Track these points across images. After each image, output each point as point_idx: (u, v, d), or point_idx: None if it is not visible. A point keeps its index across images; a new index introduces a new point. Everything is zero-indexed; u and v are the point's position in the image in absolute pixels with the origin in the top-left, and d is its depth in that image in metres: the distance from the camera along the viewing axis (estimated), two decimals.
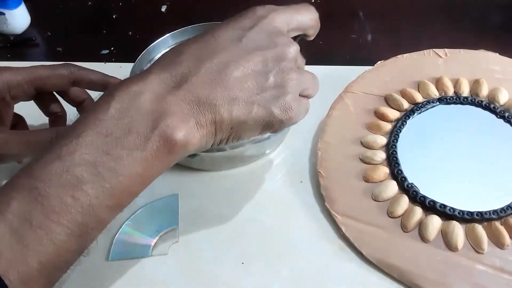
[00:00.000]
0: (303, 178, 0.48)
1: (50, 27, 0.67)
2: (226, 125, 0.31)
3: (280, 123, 0.33)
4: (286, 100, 0.32)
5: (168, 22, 0.67)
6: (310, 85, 0.35)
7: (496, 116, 0.49)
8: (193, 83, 0.30)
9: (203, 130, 0.30)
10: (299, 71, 0.34)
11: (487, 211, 0.42)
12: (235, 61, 0.31)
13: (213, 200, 0.47)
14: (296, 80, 0.33)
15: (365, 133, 0.49)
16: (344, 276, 0.41)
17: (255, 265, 0.42)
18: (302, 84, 0.34)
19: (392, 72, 0.54)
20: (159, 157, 0.29)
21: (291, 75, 0.33)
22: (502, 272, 0.39)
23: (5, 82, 0.40)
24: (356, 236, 0.42)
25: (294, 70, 0.33)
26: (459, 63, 0.54)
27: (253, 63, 0.32)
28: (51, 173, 0.27)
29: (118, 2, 0.71)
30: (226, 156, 0.46)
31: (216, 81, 0.31)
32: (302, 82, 0.34)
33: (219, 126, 0.31)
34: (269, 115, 0.32)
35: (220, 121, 0.31)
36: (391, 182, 0.45)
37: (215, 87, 0.31)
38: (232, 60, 0.31)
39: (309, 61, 0.57)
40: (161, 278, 0.42)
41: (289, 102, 0.33)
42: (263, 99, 0.32)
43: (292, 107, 0.33)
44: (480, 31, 0.63)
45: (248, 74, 0.31)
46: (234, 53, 0.32)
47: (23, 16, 0.65)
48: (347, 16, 0.66)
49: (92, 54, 0.62)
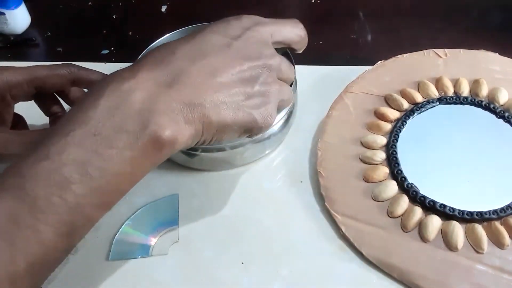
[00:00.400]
0: (303, 178, 0.48)
1: (50, 27, 0.67)
2: (213, 127, 0.32)
3: (259, 129, 0.35)
4: (267, 108, 0.34)
5: (168, 22, 0.67)
6: (287, 97, 0.37)
7: (496, 116, 0.49)
8: (185, 83, 0.31)
9: (191, 130, 0.31)
10: (280, 83, 0.36)
11: (487, 211, 0.42)
12: (224, 66, 0.33)
13: (213, 200, 0.47)
14: (277, 90, 0.35)
15: (365, 133, 0.49)
16: (344, 276, 0.41)
17: (255, 265, 0.42)
18: (282, 95, 0.36)
19: (392, 72, 0.54)
20: (148, 155, 0.29)
21: (273, 85, 0.35)
22: (502, 272, 0.39)
23: (5, 82, 0.40)
24: (356, 236, 0.42)
25: (276, 81, 0.36)
26: (459, 63, 0.54)
27: (240, 71, 0.33)
28: (39, 173, 0.27)
29: (118, 2, 0.71)
30: (226, 156, 0.46)
31: (206, 84, 0.32)
32: (282, 93, 0.36)
33: (207, 127, 0.32)
34: (252, 120, 0.34)
35: (208, 122, 0.31)
36: (391, 182, 0.45)
37: (205, 89, 0.31)
38: (222, 66, 0.33)
39: (309, 61, 0.58)
40: (161, 278, 0.42)
41: (270, 111, 0.35)
42: (248, 105, 0.33)
43: (272, 115, 0.35)
44: (480, 31, 0.63)
45: (236, 81, 0.33)
46: (223, 59, 0.33)
47: (23, 16, 0.65)
48: (347, 16, 0.66)
49: (92, 54, 0.62)
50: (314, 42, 0.63)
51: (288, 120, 0.48)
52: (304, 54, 0.42)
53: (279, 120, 0.47)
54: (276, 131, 0.47)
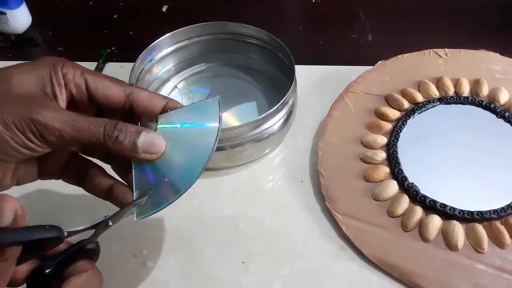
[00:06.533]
0: (304, 178, 0.48)
1: (51, 26, 0.68)
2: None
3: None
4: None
5: (168, 22, 0.67)
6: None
7: (496, 116, 0.49)
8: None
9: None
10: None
11: (487, 210, 0.42)
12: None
13: (213, 199, 0.47)
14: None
15: (365, 132, 0.49)
16: (345, 275, 0.41)
17: (256, 264, 0.42)
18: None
19: (393, 72, 0.54)
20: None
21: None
22: (502, 272, 0.39)
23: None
24: (357, 235, 0.42)
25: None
26: (459, 63, 0.54)
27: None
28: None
29: (119, 2, 0.71)
30: (226, 155, 0.46)
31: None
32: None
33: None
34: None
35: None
36: (392, 182, 0.45)
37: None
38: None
39: (309, 61, 0.58)
40: (161, 278, 0.42)
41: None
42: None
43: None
44: (480, 31, 0.63)
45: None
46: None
47: (24, 15, 0.65)
48: (347, 16, 0.66)
49: (93, 54, 0.62)
50: (315, 42, 0.64)
51: (287, 119, 0.48)
52: (304, 54, 0.42)
53: (278, 119, 0.47)
54: (275, 131, 0.47)
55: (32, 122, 0.29)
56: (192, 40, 0.55)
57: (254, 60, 0.56)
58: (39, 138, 0.30)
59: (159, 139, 0.33)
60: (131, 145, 0.32)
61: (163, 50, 0.54)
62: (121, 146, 0.32)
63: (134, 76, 0.50)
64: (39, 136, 0.30)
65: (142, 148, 0.32)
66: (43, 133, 0.30)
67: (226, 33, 0.55)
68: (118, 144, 0.31)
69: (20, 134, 0.29)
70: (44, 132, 0.30)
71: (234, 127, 0.45)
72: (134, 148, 0.32)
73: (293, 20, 0.69)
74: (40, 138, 0.30)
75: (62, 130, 0.30)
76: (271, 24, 0.56)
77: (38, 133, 0.30)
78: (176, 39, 0.54)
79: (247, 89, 0.55)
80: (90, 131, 0.31)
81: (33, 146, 0.30)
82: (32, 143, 0.30)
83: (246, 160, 0.48)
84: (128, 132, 0.32)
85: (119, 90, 0.34)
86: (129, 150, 0.32)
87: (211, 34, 0.55)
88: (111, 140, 0.31)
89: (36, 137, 0.30)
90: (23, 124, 0.29)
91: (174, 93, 0.56)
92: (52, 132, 0.30)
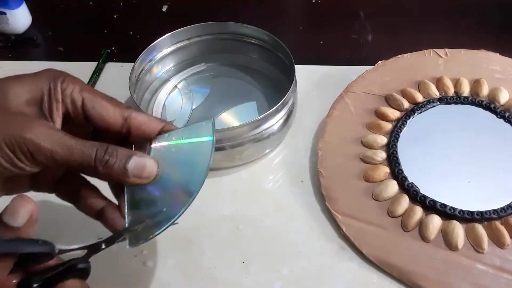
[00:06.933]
0: (304, 178, 0.48)
1: (51, 26, 0.68)
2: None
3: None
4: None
5: (168, 22, 0.67)
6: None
7: (497, 116, 0.49)
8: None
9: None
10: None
11: (487, 210, 0.42)
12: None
13: (213, 199, 0.47)
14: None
15: (365, 132, 0.49)
16: (345, 275, 0.41)
17: (256, 264, 0.42)
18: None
19: (393, 72, 0.54)
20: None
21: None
22: (502, 272, 0.39)
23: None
24: (357, 235, 0.42)
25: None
26: (459, 63, 0.54)
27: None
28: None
29: (119, 2, 0.71)
30: (226, 155, 0.46)
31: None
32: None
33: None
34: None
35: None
36: (392, 182, 0.45)
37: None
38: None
39: (309, 61, 0.58)
40: (161, 278, 0.42)
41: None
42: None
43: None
44: (480, 31, 0.63)
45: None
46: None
47: (24, 15, 0.65)
48: (347, 16, 0.66)
49: (93, 54, 0.62)
50: (315, 42, 0.64)
51: (287, 119, 0.48)
52: (304, 54, 0.42)
53: (278, 119, 0.47)
54: (275, 131, 0.47)
55: (24, 141, 0.29)
56: (192, 40, 0.55)
57: (254, 60, 0.56)
58: (30, 158, 0.29)
59: (150, 163, 0.32)
60: (120, 169, 0.31)
61: (163, 50, 0.54)
62: (111, 170, 0.31)
63: (134, 76, 0.50)
64: (29, 156, 0.29)
65: (133, 172, 0.31)
66: (34, 153, 0.29)
67: (226, 33, 0.55)
68: (108, 168, 0.30)
69: (10, 154, 0.29)
70: (35, 152, 0.29)
71: (234, 127, 0.45)
72: (125, 173, 0.31)
73: (293, 20, 0.69)
74: (31, 159, 0.29)
75: (54, 152, 0.29)
76: (271, 24, 0.56)
77: (29, 154, 0.29)
78: (176, 39, 0.55)
79: (247, 89, 0.55)
80: (82, 153, 0.30)
81: (22, 166, 0.29)
82: (22, 163, 0.29)
83: (246, 160, 0.48)
84: (118, 156, 0.31)
85: (115, 112, 0.33)
86: (118, 175, 0.31)
87: (211, 34, 0.55)
88: (101, 164, 0.30)
89: (26, 157, 0.29)
90: (13, 143, 0.29)
91: (174, 93, 0.56)
92: (44, 152, 0.29)
